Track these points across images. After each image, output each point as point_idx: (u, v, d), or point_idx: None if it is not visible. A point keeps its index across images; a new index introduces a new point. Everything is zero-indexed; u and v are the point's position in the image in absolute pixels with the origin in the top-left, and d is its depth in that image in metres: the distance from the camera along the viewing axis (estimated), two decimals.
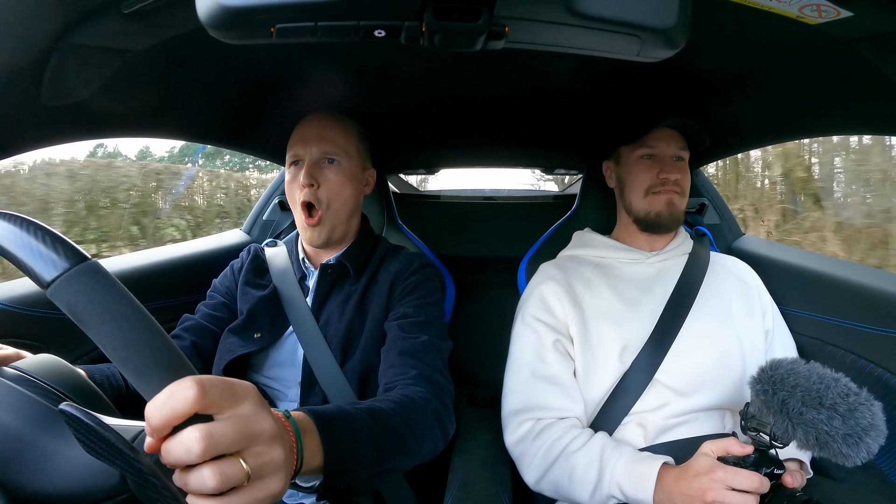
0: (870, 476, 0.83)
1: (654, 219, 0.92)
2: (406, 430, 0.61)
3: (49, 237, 0.36)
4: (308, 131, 0.90)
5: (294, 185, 0.89)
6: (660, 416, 0.79)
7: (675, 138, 0.92)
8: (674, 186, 0.91)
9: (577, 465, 0.74)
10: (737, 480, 0.60)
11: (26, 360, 0.49)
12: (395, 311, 0.85)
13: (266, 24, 0.38)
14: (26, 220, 0.37)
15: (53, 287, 0.35)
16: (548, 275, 0.95)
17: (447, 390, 0.76)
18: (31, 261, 0.35)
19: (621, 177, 0.97)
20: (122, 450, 0.34)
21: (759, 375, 0.62)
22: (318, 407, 0.53)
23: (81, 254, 0.36)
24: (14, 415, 0.42)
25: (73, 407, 0.34)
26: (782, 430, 0.58)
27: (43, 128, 0.67)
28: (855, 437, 0.55)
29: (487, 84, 0.99)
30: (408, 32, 0.40)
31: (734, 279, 0.94)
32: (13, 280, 0.86)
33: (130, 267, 1.05)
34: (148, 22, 0.56)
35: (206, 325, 0.92)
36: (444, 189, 2.47)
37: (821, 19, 0.54)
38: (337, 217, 0.90)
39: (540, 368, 0.84)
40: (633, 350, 0.82)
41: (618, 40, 0.41)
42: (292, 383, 0.86)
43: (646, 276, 0.92)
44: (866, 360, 0.85)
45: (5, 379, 0.44)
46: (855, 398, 0.56)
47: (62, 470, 0.41)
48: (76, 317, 0.35)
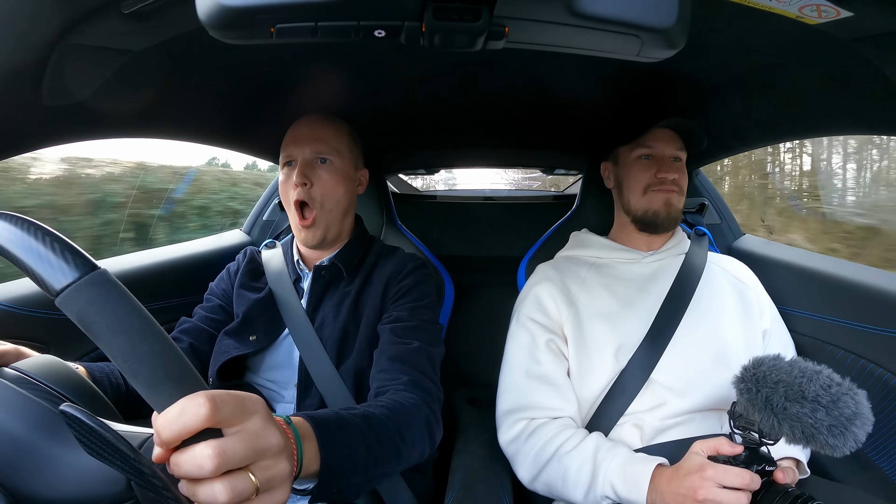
0: (871, 476, 0.83)
1: (651, 217, 0.92)
2: (398, 437, 0.62)
3: (58, 244, 0.35)
4: (300, 132, 0.91)
5: (288, 185, 0.90)
6: (656, 416, 0.79)
7: (672, 139, 0.93)
8: (672, 186, 0.91)
9: (571, 466, 0.74)
10: (727, 478, 0.60)
11: (27, 360, 0.49)
12: (389, 313, 0.85)
13: (266, 24, 0.38)
14: (34, 225, 0.36)
15: (63, 296, 0.34)
16: (543, 275, 0.95)
17: (437, 397, 0.77)
18: (40, 268, 0.35)
19: (619, 177, 0.98)
20: (123, 450, 0.34)
21: (742, 374, 0.63)
22: (316, 413, 0.54)
23: (91, 262, 0.36)
24: (20, 420, 0.42)
25: (74, 408, 0.34)
26: (769, 426, 0.58)
27: (43, 128, 0.67)
28: (840, 428, 0.55)
29: (487, 84, 0.99)
30: (408, 33, 0.40)
31: (731, 279, 0.94)
32: (13, 281, 0.86)
33: (131, 267, 1.05)
34: (148, 22, 0.56)
35: (204, 327, 0.92)
36: (455, 189, 2.47)
37: (820, 19, 0.54)
38: (330, 216, 0.90)
39: (533, 368, 0.85)
40: (629, 350, 0.82)
41: (618, 40, 0.41)
42: (288, 385, 0.87)
43: (642, 275, 0.92)
44: (867, 360, 0.85)
45: (6, 380, 0.44)
46: (837, 388, 0.56)
47: (67, 476, 0.41)
48: (86, 327, 0.34)
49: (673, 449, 0.75)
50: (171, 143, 1.02)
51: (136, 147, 3.23)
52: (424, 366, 0.78)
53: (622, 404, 0.80)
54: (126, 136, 0.87)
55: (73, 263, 0.35)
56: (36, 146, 0.70)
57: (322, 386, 0.82)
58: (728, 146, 1.15)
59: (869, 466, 0.84)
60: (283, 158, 0.92)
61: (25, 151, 0.69)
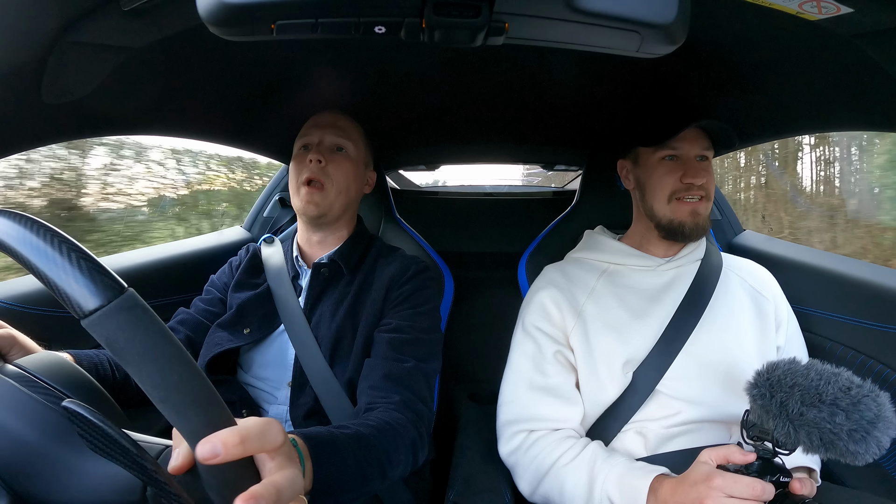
0: (888, 484, 0.81)
1: (677, 227, 0.86)
2: (384, 458, 0.64)
3: (85, 261, 0.34)
4: (323, 119, 0.94)
5: (300, 166, 0.90)
6: (661, 424, 0.77)
7: (699, 137, 0.86)
8: (699, 191, 0.84)
9: (568, 479, 0.72)
10: (736, 488, 0.56)
11: (29, 357, 0.49)
12: (388, 320, 0.85)
13: (266, 20, 0.38)
14: (59, 237, 0.35)
15: (91, 320, 0.33)
16: (549, 279, 0.91)
17: (426, 419, 0.77)
18: (66, 287, 0.33)
19: (641, 179, 0.91)
20: (126, 446, 0.35)
21: (756, 379, 0.58)
22: (311, 432, 0.56)
23: (120, 284, 0.34)
24: (34, 427, 0.41)
25: (77, 404, 0.35)
26: (784, 434, 0.54)
27: (43, 126, 0.67)
28: (862, 432, 0.51)
29: (487, 80, 0.99)
30: (408, 29, 0.40)
31: (749, 289, 0.89)
32: (13, 278, 0.86)
33: (132, 264, 1.05)
34: (148, 19, 0.56)
35: (201, 319, 0.92)
36: (456, 185, 2.46)
37: (821, 15, 0.54)
38: (337, 198, 0.91)
39: (538, 380, 0.82)
40: (637, 361, 0.79)
41: (617, 36, 0.41)
42: (281, 384, 0.86)
43: (656, 285, 0.88)
44: (867, 356, 0.85)
45: (15, 382, 0.44)
46: (858, 391, 0.52)
47: (82, 485, 0.41)
48: (115, 352, 0.34)
49: (678, 459, 0.72)
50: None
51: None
52: (418, 386, 0.79)
53: (627, 414, 0.78)
54: (126, 134, 0.87)
55: (102, 285, 0.34)
56: (36, 144, 0.70)
57: (317, 385, 0.81)
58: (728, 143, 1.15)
59: (885, 474, 0.82)
60: (301, 143, 0.94)
61: (25, 149, 0.69)
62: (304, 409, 0.81)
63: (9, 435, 0.41)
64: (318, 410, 0.81)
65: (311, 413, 0.81)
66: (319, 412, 0.81)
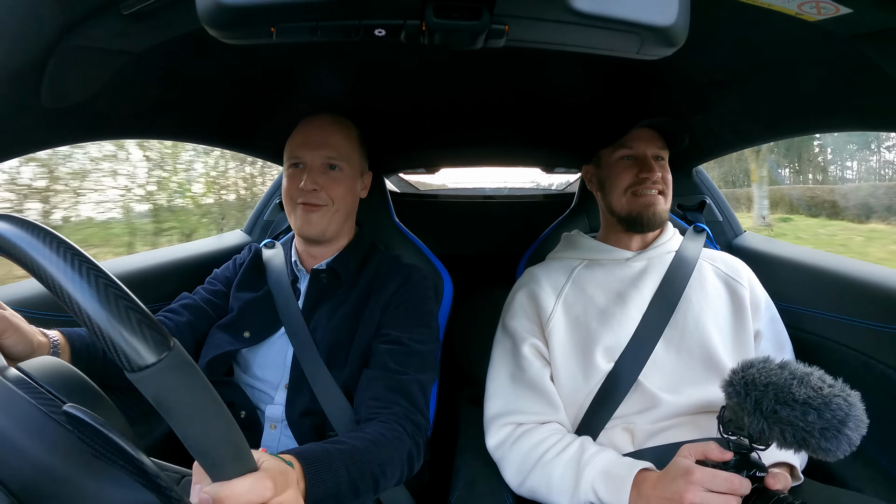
0: (873, 473, 0.82)
1: (636, 218, 0.92)
2: (378, 471, 0.66)
3: (134, 314, 0.33)
4: (312, 136, 0.90)
5: (293, 187, 0.89)
6: (647, 419, 0.78)
7: (654, 138, 0.93)
8: (655, 185, 0.91)
9: (555, 472, 0.73)
10: (715, 482, 0.59)
11: (30, 362, 0.49)
12: (386, 331, 0.85)
13: (266, 23, 0.38)
14: (110, 286, 0.33)
15: (139, 376, 0.33)
16: (529, 278, 0.95)
17: (423, 429, 0.79)
18: (119, 340, 0.32)
19: (602, 179, 0.98)
20: (126, 450, 0.35)
21: (731, 378, 0.61)
22: (306, 450, 0.58)
23: (167, 339, 0.34)
24: (55, 453, 0.41)
25: (77, 408, 0.35)
26: (758, 430, 0.56)
27: (43, 129, 0.67)
28: (833, 430, 0.53)
29: (487, 83, 0.99)
30: (408, 31, 0.40)
31: (724, 276, 0.93)
32: (15, 282, 0.86)
33: (132, 268, 1.05)
34: (147, 23, 0.56)
35: (204, 307, 0.93)
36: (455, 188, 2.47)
37: (820, 16, 0.54)
38: (335, 216, 0.91)
39: (518, 374, 0.85)
40: (616, 352, 0.82)
41: (617, 38, 0.41)
42: (278, 385, 0.86)
43: (629, 276, 0.91)
44: (868, 357, 0.85)
45: (7, 381, 0.44)
46: (829, 390, 0.55)
47: None
48: (162, 408, 0.34)
49: (665, 453, 0.73)
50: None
51: None
52: (416, 397, 0.80)
53: (611, 407, 0.79)
54: (126, 137, 0.87)
55: (152, 341, 0.33)
56: (35, 148, 0.70)
57: (316, 386, 0.82)
58: (728, 143, 1.15)
59: (873, 465, 0.83)
60: (290, 159, 0.91)
61: (25, 153, 0.69)
62: (299, 410, 0.82)
63: (24, 456, 0.41)
64: (313, 411, 0.82)
65: (307, 413, 0.82)
66: (315, 412, 0.82)
